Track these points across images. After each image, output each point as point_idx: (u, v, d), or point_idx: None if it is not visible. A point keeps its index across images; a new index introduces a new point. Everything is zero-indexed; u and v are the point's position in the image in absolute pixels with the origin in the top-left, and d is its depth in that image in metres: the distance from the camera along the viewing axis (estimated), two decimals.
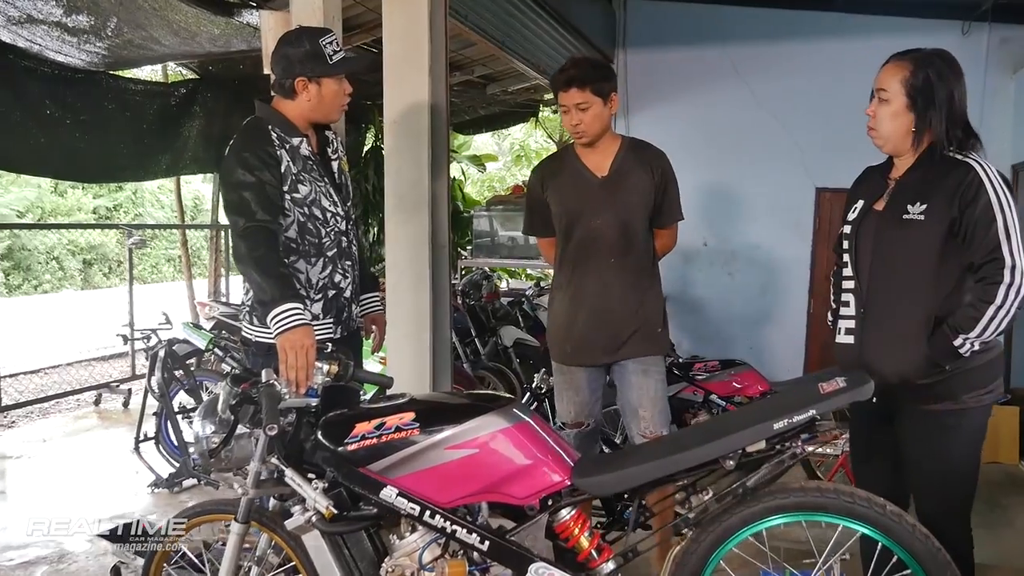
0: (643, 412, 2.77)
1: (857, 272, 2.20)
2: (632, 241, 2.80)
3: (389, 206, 3.56)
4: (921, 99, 2.06)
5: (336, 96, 2.50)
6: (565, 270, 2.88)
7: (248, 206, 2.28)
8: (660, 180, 2.82)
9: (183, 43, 5.78)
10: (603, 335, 2.78)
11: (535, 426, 1.91)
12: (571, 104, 2.71)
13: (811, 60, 6.43)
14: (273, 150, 2.40)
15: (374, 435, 1.85)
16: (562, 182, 2.86)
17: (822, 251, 6.58)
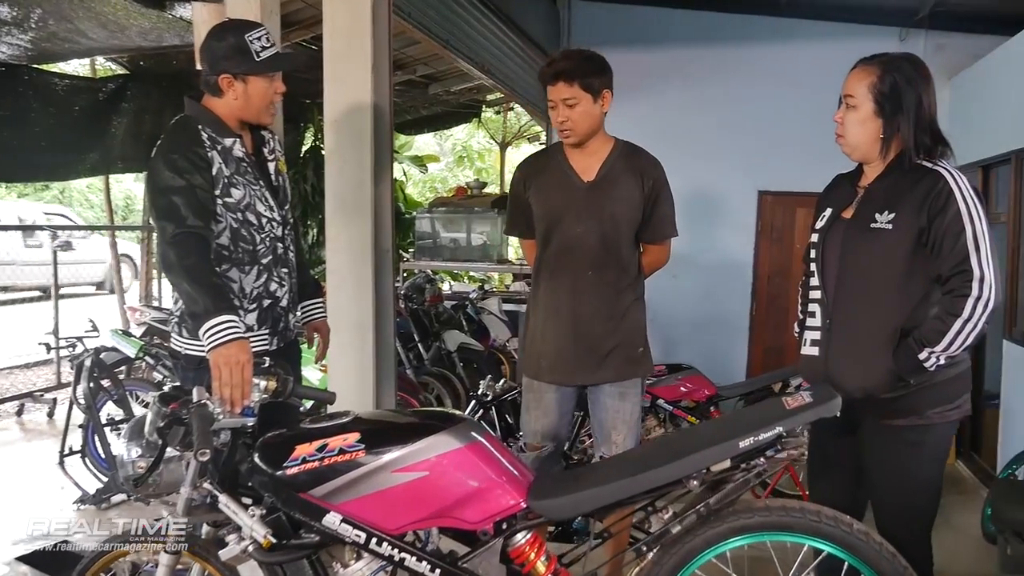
0: (616, 437, 2.63)
1: (823, 282, 2.14)
2: (613, 254, 2.60)
3: (330, 209, 3.42)
4: (889, 105, 2.02)
5: (265, 96, 2.34)
6: (542, 278, 2.70)
7: (178, 211, 2.12)
8: (651, 191, 2.61)
9: (111, 36, 5.54)
10: (579, 353, 2.61)
11: (488, 445, 1.80)
12: (558, 99, 2.51)
13: (753, 64, 6.46)
14: (203, 151, 2.25)
15: (316, 458, 1.72)
16: (545, 183, 2.67)
17: (764, 254, 6.63)
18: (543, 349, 2.65)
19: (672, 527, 1.72)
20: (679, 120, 6.65)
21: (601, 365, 2.61)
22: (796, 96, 6.33)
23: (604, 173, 2.60)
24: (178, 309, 2.37)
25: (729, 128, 6.53)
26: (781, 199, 6.54)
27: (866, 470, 2.14)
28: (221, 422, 1.79)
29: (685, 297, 6.79)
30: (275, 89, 2.36)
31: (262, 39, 2.29)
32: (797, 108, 6.33)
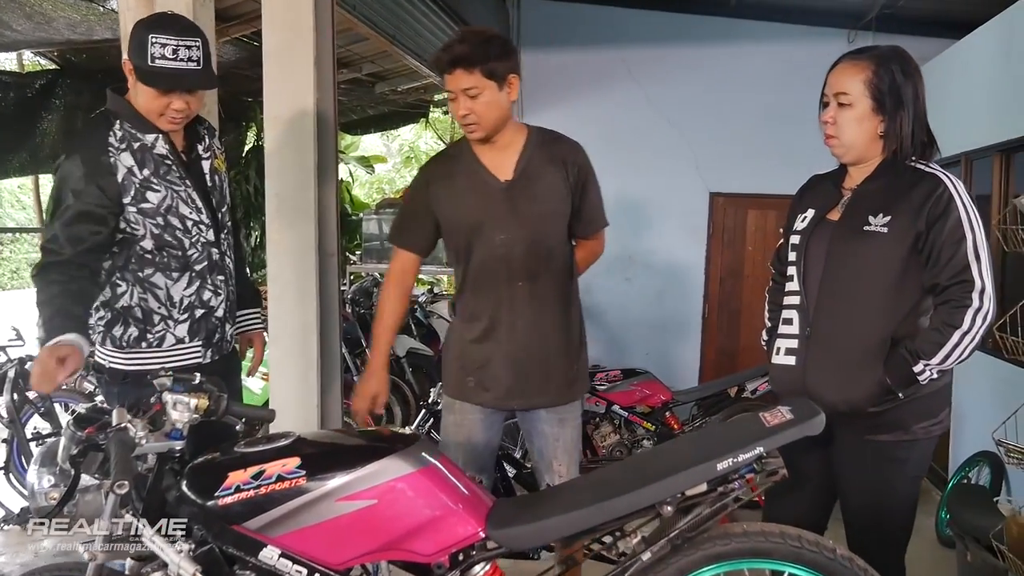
0: (558, 465, 2.39)
1: (804, 286, 2.02)
2: (545, 260, 2.31)
3: (270, 210, 3.23)
4: (889, 100, 1.90)
5: (150, 105, 2.10)
6: (465, 298, 2.38)
7: (52, 243, 2.02)
8: (577, 179, 2.33)
9: (37, 28, 5.27)
10: (511, 376, 2.32)
11: (443, 469, 1.65)
12: (458, 89, 2.17)
13: (703, 65, 6.42)
14: (107, 157, 2.07)
15: (251, 486, 1.55)
16: (456, 187, 2.32)
17: (716, 256, 6.59)
18: (469, 369, 2.36)
19: (642, 554, 1.59)
20: (630, 120, 6.59)
21: (538, 389, 2.34)
22: (747, 97, 6.32)
23: (523, 168, 2.29)
24: (100, 318, 2.18)
25: (680, 129, 6.48)
26: (733, 200, 6.51)
27: (841, 487, 2.04)
28: (144, 446, 1.62)
29: (637, 300, 6.74)
30: (164, 105, 2.10)
31: (167, 47, 2.02)
32: (748, 109, 6.32)
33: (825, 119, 1.99)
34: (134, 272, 2.16)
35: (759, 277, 6.48)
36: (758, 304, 6.39)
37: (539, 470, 2.47)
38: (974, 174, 4.52)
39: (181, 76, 2.06)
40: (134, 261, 2.15)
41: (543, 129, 2.43)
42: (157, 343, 2.20)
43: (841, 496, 2.05)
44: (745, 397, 4.66)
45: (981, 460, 3.92)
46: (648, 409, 4.71)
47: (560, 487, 1.99)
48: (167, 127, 2.14)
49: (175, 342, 2.21)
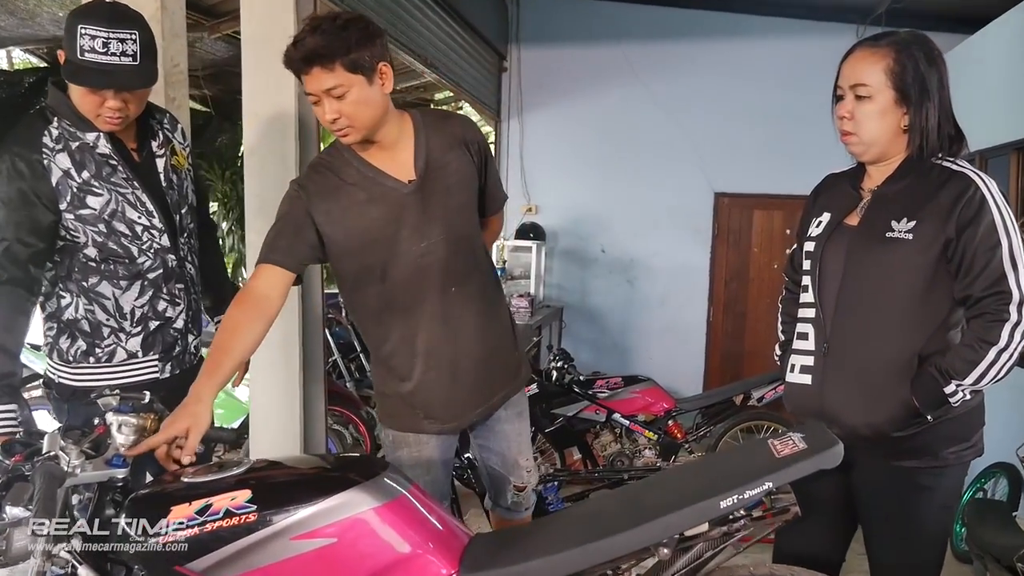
0: (523, 461, 2.23)
1: (820, 298, 1.82)
2: (468, 255, 2.07)
3: (250, 211, 3.06)
4: (915, 90, 1.71)
5: (82, 102, 1.89)
6: (384, 324, 2.06)
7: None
8: (480, 157, 2.08)
9: (22, 24, 5.12)
10: (467, 389, 2.08)
11: (414, 502, 1.47)
12: (319, 91, 1.81)
13: (708, 61, 6.26)
14: (39, 157, 1.89)
15: (196, 522, 1.37)
16: (351, 201, 1.94)
17: (721, 258, 6.43)
18: (417, 400, 2.08)
19: None
20: (631, 119, 6.44)
21: (492, 390, 2.14)
22: (752, 95, 6.15)
23: (426, 162, 1.99)
24: (48, 330, 2.01)
25: (683, 128, 6.33)
26: (738, 201, 6.34)
27: (862, 517, 1.85)
28: (80, 476, 1.45)
29: (640, 303, 6.59)
30: (102, 103, 1.88)
31: (96, 40, 1.80)
32: (753, 107, 6.16)
33: (841, 114, 1.79)
34: (78, 282, 1.99)
35: (765, 280, 6.30)
36: (764, 308, 6.33)
37: (496, 478, 2.28)
38: (989, 173, 4.34)
39: (111, 72, 1.83)
40: (77, 270, 1.97)
41: (425, 110, 2.13)
42: (107, 358, 2.02)
43: (863, 527, 1.86)
44: (751, 405, 4.47)
45: (997, 472, 3.74)
46: (650, 417, 4.53)
47: (543, 524, 1.75)
48: (105, 127, 1.94)
49: (127, 356, 2.04)
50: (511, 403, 2.20)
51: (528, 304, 5.64)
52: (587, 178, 6.56)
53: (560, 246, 6.71)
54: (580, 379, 4.59)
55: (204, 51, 6.09)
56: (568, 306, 6.68)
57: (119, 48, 1.82)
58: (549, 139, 6.58)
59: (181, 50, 2.60)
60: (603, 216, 6.54)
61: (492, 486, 2.32)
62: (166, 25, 2.49)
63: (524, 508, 2.31)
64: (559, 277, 6.77)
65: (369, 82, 1.83)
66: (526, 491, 2.27)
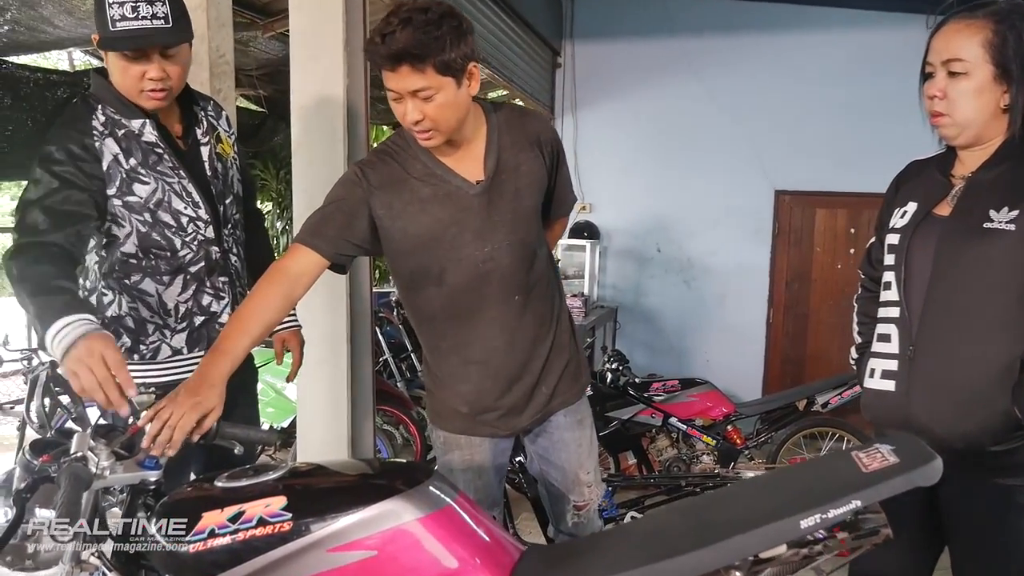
0: (584, 475, 2.07)
1: (906, 296, 1.66)
2: (533, 261, 1.93)
3: (298, 207, 3.00)
4: (1017, 65, 1.53)
5: (124, 77, 1.83)
6: (440, 328, 1.95)
7: (30, 222, 1.70)
8: (553, 158, 1.95)
9: (79, 24, 5.15)
10: (524, 396, 1.97)
11: (461, 513, 1.36)
12: (404, 91, 1.67)
13: (768, 55, 6.05)
14: (91, 141, 1.82)
15: (227, 530, 1.28)
16: (415, 197, 1.82)
17: (781, 258, 6.21)
18: (470, 403, 1.97)
19: None
20: (689, 116, 6.27)
21: (549, 396, 2.01)
22: (815, 89, 5.93)
23: (497, 162, 1.86)
24: None
25: (743, 124, 6.13)
26: (800, 199, 6.12)
27: (951, 539, 1.68)
28: (109, 478, 1.38)
29: (697, 304, 6.42)
30: (138, 73, 1.81)
31: (125, 6, 1.74)
32: (816, 101, 5.94)
33: (932, 93, 1.62)
34: (119, 280, 1.93)
35: (829, 281, 6.08)
36: (827, 310, 6.10)
37: (559, 495, 2.13)
38: None
39: (146, 35, 1.78)
40: (118, 268, 1.91)
41: (503, 107, 1.99)
42: (151, 355, 1.96)
43: (951, 550, 1.69)
44: (815, 411, 4.28)
45: None
46: (708, 422, 4.38)
47: (603, 538, 1.63)
48: (149, 104, 1.88)
49: (171, 353, 1.97)
50: (570, 410, 2.06)
51: (582, 304, 5.53)
52: (642, 176, 6.41)
53: (614, 245, 6.56)
54: (635, 381, 4.46)
55: (258, 50, 6.09)
56: (622, 307, 6.54)
57: (149, 11, 1.77)
58: (603, 136, 6.44)
59: (227, 40, 2.54)
60: (659, 215, 6.38)
61: (551, 507, 2.18)
62: (212, 14, 2.44)
63: (588, 531, 2.15)
64: (613, 277, 6.63)
65: (458, 84, 1.70)
66: (587, 511, 2.11)
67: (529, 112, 2.01)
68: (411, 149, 1.85)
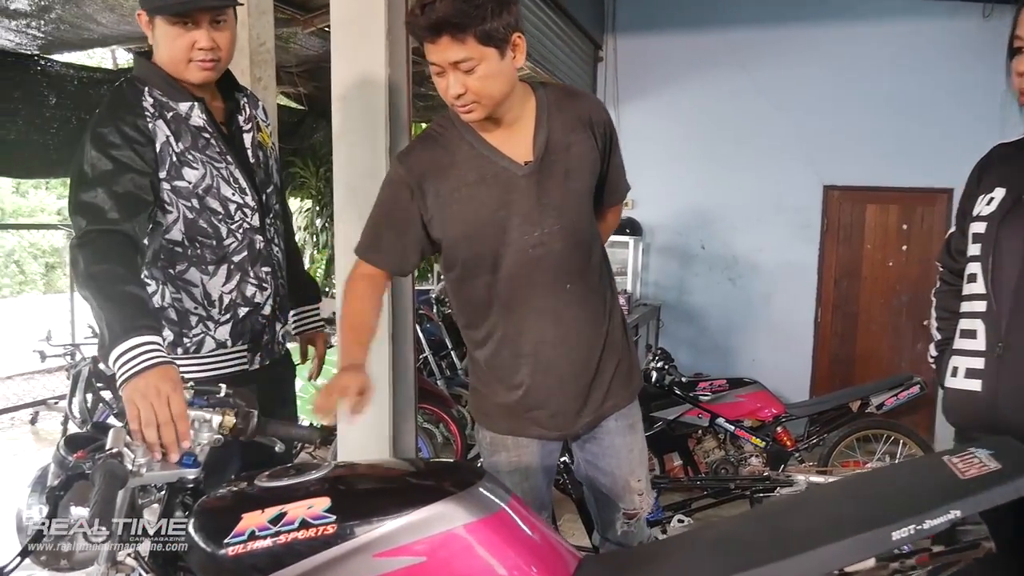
0: (635, 483, 1.96)
1: (994, 289, 1.54)
2: (584, 248, 1.84)
3: (339, 201, 2.93)
4: None
5: (173, 46, 1.77)
6: (489, 320, 1.87)
7: (94, 203, 1.63)
8: (605, 141, 1.83)
9: (122, 21, 5.17)
10: (576, 396, 1.87)
11: (514, 517, 1.27)
12: (445, 63, 1.62)
13: (817, 46, 5.89)
14: (144, 123, 1.76)
15: (268, 532, 1.21)
16: (458, 183, 1.76)
17: (830, 255, 6.04)
18: (519, 402, 1.89)
19: None
20: (734, 110, 6.13)
21: (603, 396, 1.90)
22: (865, 81, 5.76)
23: (546, 142, 1.77)
24: None
25: (791, 117, 5.97)
26: (850, 194, 5.95)
27: None
28: (146, 475, 1.31)
29: (742, 302, 6.27)
30: (189, 42, 1.77)
31: None
32: (866, 94, 5.77)
33: (1021, 70, 1.51)
34: (164, 269, 1.86)
35: (880, 279, 5.90)
36: (878, 309, 5.92)
37: (607, 502, 2.03)
38: None
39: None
40: (163, 256, 1.85)
41: (552, 86, 1.88)
42: (195, 348, 1.90)
43: None
44: (869, 412, 4.13)
45: None
46: (757, 423, 4.25)
47: (668, 546, 1.51)
48: (199, 76, 1.82)
49: (215, 346, 1.91)
50: (622, 414, 1.96)
51: (625, 302, 5.41)
52: (686, 171, 6.27)
53: (657, 242, 6.44)
54: (681, 381, 4.34)
55: (298, 46, 6.07)
56: (666, 304, 6.41)
57: None
58: (646, 131, 6.31)
59: (268, 28, 2.49)
60: (703, 211, 6.25)
61: (599, 514, 2.07)
62: (252, 1, 2.38)
63: (637, 540, 2.05)
64: (656, 274, 6.50)
65: (501, 55, 1.63)
66: (637, 519, 2.01)
67: (581, 92, 1.90)
68: (456, 131, 1.78)
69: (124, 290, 1.54)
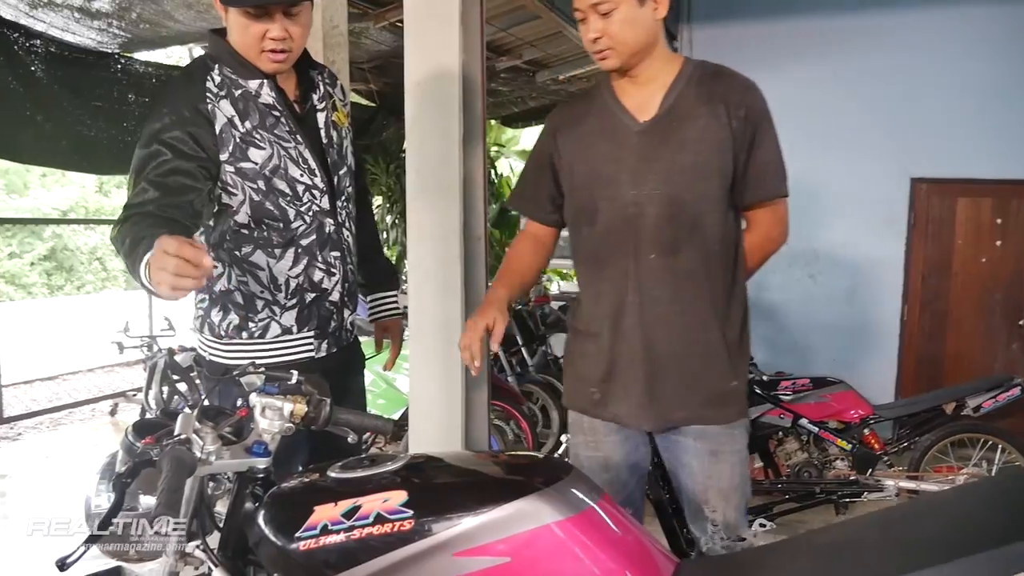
0: (710, 512, 1.80)
1: None
2: (689, 228, 1.72)
3: (411, 189, 2.86)
4: None
5: (244, 37, 1.73)
6: (583, 275, 1.87)
7: (139, 194, 1.60)
8: (744, 127, 1.72)
9: (199, 18, 5.23)
10: (640, 382, 1.75)
11: (603, 516, 1.18)
12: (586, 6, 1.68)
13: (905, 30, 5.60)
14: (204, 106, 1.72)
15: (341, 527, 1.14)
16: (583, 132, 1.80)
17: (918, 250, 5.75)
18: (590, 373, 1.82)
19: None
20: (813, 98, 5.87)
21: (674, 400, 1.76)
22: (958, 66, 5.46)
23: (669, 106, 1.73)
24: (200, 302, 1.86)
25: (875, 107, 5.70)
26: (939, 187, 5.66)
27: None
28: (216, 464, 1.25)
29: (822, 299, 6.02)
30: (258, 33, 1.72)
31: None
32: (959, 80, 5.47)
33: None
34: (230, 251, 1.82)
35: (972, 275, 5.59)
36: (971, 307, 5.62)
37: (687, 511, 1.89)
38: None
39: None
40: (229, 239, 1.81)
41: (706, 63, 1.81)
42: (260, 333, 1.85)
43: None
44: (965, 415, 3.89)
45: None
46: (842, 425, 4.05)
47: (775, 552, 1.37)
48: (270, 67, 1.77)
49: (281, 332, 1.86)
50: (703, 435, 1.78)
51: None
52: None
53: None
54: (762, 379, 4.16)
55: (370, 41, 6.06)
56: None
57: None
58: None
59: (341, 10, 2.43)
60: None
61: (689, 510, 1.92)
62: None
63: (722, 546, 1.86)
64: None
65: (640, 2, 1.68)
66: (724, 527, 1.84)
67: (732, 73, 1.80)
68: (599, 90, 1.85)
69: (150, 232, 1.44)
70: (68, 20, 4.95)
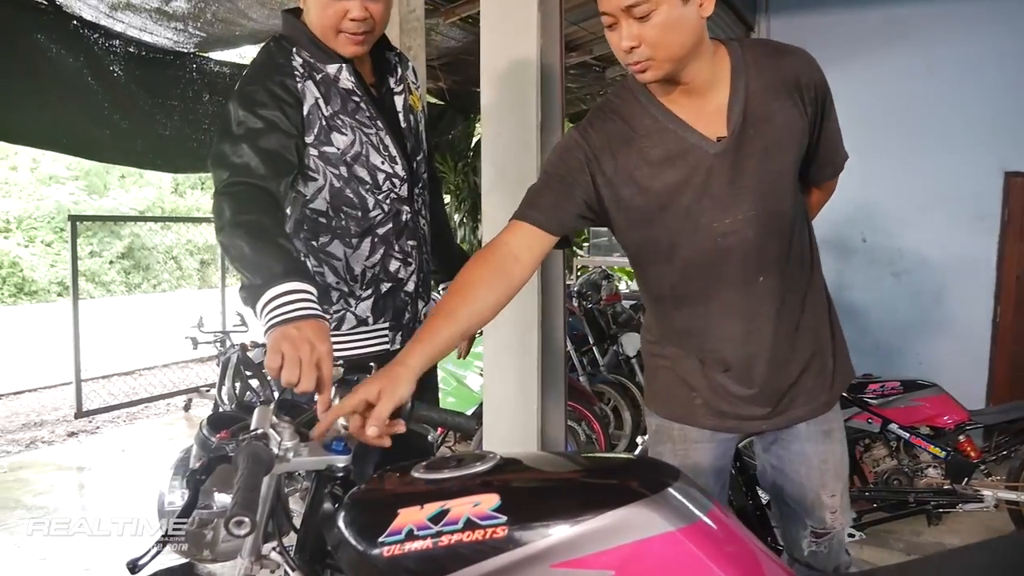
0: (827, 497, 1.70)
1: None
2: (785, 234, 1.58)
3: (486, 181, 2.79)
4: None
5: (323, 15, 1.65)
6: (668, 315, 1.68)
7: (240, 158, 1.51)
8: (816, 107, 1.54)
9: (272, 16, 5.26)
10: (759, 393, 1.63)
11: (716, 528, 1.07)
12: (616, 9, 1.38)
13: (1000, 15, 5.32)
14: (293, 83, 1.65)
15: (428, 532, 1.05)
16: (641, 161, 1.52)
17: (1012, 248, 5.46)
18: (696, 385, 1.67)
19: None
20: (899, 89, 5.62)
21: (792, 402, 1.66)
22: None
23: (743, 114, 1.50)
24: None
25: (966, 97, 5.42)
26: None
27: None
28: (293, 461, 1.18)
29: (907, 299, 5.76)
30: (339, 11, 1.64)
31: None
32: None
33: None
34: (306, 240, 1.76)
35: None
36: None
37: (792, 516, 1.78)
38: None
39: None
40: (306, 227, 1.74)
41: (750, 41, 1.62)
42: (335, 325, 1.78)
43: None
44: None
45: None
46: (934, 431, 3.83)
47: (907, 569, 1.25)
48: (349, 50, 1.70)
49: (356, 323, 1.79)
50: (822, 420, 1.70)
51: None
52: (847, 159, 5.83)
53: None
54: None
55: (441, 36, 6.03)
56: None
57: None
58: None
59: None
60: (864, 201, 5.76)
61: (784, 529, 1.82)
62: None
63: (828, 564, 1.78)
64: None
65: (683, 1, 1.38)
66: (829, 539, 1.74)
67: (786, 47, 1.57)
68: (639, 102, 1.55)
69: (276, 240, 1.42)
70: (146, 20, 5.01)
